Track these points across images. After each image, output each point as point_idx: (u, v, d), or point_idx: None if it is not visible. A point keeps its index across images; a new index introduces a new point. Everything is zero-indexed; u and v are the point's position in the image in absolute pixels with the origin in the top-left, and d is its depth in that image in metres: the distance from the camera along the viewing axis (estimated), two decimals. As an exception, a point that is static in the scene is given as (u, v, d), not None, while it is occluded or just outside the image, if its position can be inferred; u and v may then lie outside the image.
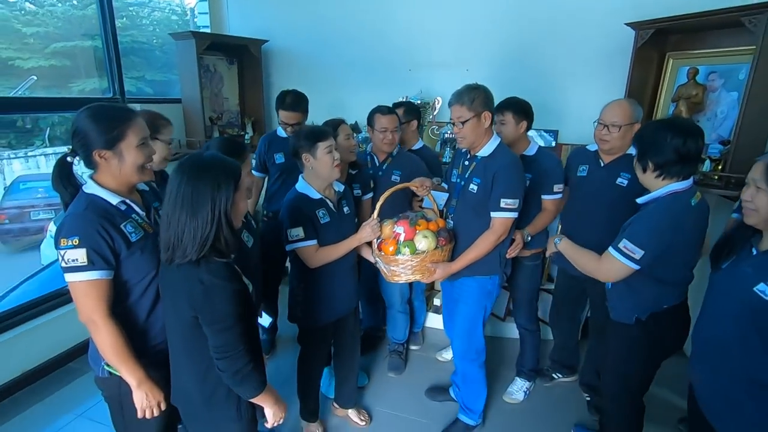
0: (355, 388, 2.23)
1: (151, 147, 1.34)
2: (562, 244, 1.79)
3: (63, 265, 1.20)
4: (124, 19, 4.69)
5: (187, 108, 3.27)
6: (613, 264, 1.52)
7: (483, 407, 2.20)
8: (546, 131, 3.03)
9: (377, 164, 2.42)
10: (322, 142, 1.73)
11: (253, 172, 2.52)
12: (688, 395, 1.49)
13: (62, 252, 1.19)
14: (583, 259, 1.68)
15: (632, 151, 1.95)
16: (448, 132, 3.08)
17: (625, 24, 2.54)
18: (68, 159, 1.31)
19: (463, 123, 1.81)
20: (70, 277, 1.21)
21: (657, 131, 1.51)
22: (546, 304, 2.66)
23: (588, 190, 2.06)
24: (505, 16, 3.02)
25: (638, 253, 1.46)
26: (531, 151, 2.15)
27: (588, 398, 2.39)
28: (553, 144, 3.00)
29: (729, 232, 1.35)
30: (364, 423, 2.23)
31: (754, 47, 2.04)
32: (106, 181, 1.28)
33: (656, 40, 2.55)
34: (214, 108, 3.49)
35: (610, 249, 1.54)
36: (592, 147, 2.12)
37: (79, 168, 1.34)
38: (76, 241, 1.19)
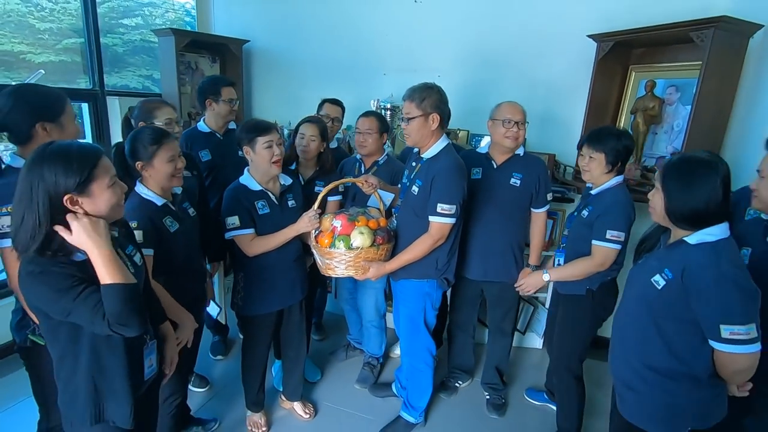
0: (300, 381, 2.26)
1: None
2: (553, 275, 1.95)
3: None
4: (139, 18, 4.79)
5: (167, 100, 3.35)
6: (607, 253, 1.78)
7: (426, 405, 2.22)
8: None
9: (363, 171, 2.39)
10: (261, 137, 1.77)
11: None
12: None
13: None
14: (576, 270, 1.86)
15: (520, 151, 2.08)
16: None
17: (587, 36, 2.59)
18: None
19: (409, 120, 1.82)
20: (3, 243, 1.30)
21: (615, 135, 1.82)
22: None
23: (485, 192, 2.08)
24: (478, 26, 3.07)
25: (623, 236, 1.76)
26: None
27: (488, 396, 2.44)
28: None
29: (649, 231, 1.45)
30: (308, 416, 2.26)
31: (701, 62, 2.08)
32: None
33: (619, 53, 2.60)
34: (194, 104, 3.57)
35: (598, 243, 1.78)
36: (482, 149, 2.16)
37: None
38: (9, 208, 1.24)
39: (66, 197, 1.03)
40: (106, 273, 1.03)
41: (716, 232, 1.19)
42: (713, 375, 1.22)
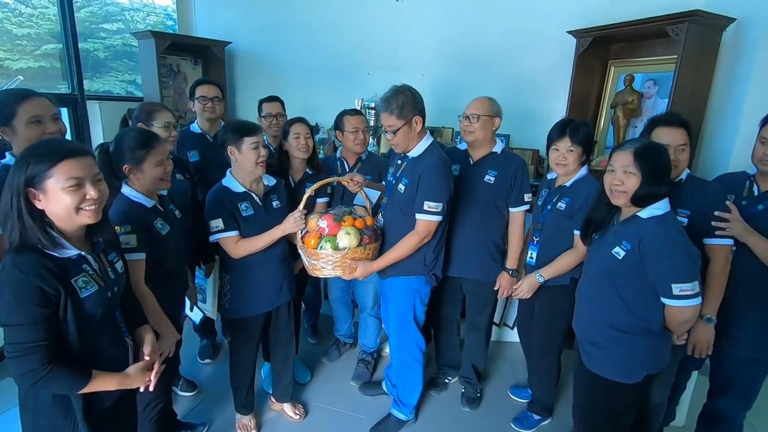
0: (290, 382, 2.25)
1: (48, 126, 1.48)
2: (546, 274, 1.95)
3: None
4: (120, 23, 4.72)
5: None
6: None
7: (416, 402, 2.22)
8: (497, 135, 3.09)
9: (347, 169, 2.39)
10: (248, 137, 1.77)
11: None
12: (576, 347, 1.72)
13: None
14: (565, 263, 1.91)
15: (498, 148, 2.08)
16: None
17: (567, 32, 2.63)
18: None
19: (394, 132, 1.82)
20: None
21: (586, 126, 1.90)
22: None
23: (461, 188, 2.08)
24: (460, 24, 3.10)
25: None
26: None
27: (463, 390, 2.47)
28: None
29: (592, 213, 1.59)
30: (298, 417, 2.26)
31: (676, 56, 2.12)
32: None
33: (599, 49, 2.64)
34: (177, 107, 3.54)
35: (581, 233, 1.80)
36: (462, 146, 2.18)
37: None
38: None
39: (21, 191, 1.04)
40: (90, 389, 1.12)
41: (662, 206, 1.39)
42: (663, 327, 1.45)
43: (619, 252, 1.41)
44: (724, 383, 1.80)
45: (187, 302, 1.99)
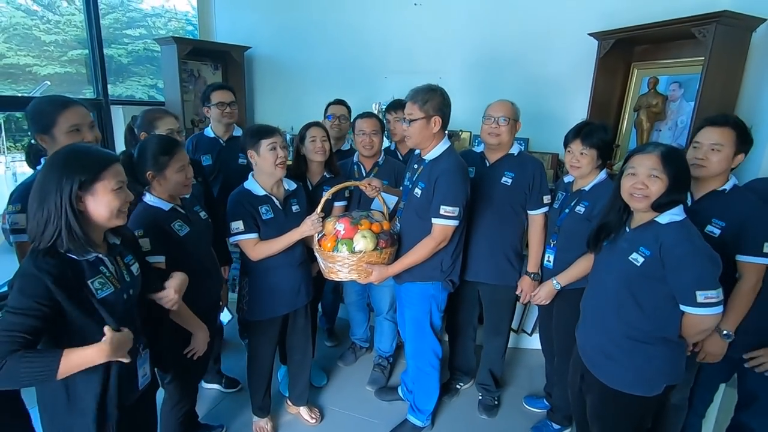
0: (306, 385, 2.25)
1: (86, 134, 1.49)
2: (563, 280, 1.93)
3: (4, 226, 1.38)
4: (142, 29, 4.82)
5: (169, 110, 3.37)
6: None
7: (433, 408, 2.20)
8: (516, 139, 3.05)
9: (364, 173, 2.40)
10: (265, 139, 1.79)
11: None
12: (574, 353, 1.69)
13: (6, 216, 1.37)
14: (582, 268, 1.86)
15: (514, 150, 2.06)
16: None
17: (588, 34, 2.58)
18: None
19: (410, 122, 1.82)
20: (14, 238, 1.40)
21: (603, 130, 1.89)
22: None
23: (477, 190, 2.04)
24: (478, 27, 3.08)
25: None
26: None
27: (480, 397, 2.42)
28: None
29: (605, 219, 1.53)
30: (314, 421, 2.26)
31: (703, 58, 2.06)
32: None
33: (621, 51, 2.59)
34: (197, 111, 3.59)
35: (591, 241, 1.75)
36: (478, 149, 2.15)
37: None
38: (18, 207, 1.39)
39: (73, 193, 1.07)
40: (70, 368, 1.04)
41: (679, 212, 1.34)
42: (680, 336, 1.40)
43: (637, 258, 1.36)
44: (749, 396, 1.74)
45: None
